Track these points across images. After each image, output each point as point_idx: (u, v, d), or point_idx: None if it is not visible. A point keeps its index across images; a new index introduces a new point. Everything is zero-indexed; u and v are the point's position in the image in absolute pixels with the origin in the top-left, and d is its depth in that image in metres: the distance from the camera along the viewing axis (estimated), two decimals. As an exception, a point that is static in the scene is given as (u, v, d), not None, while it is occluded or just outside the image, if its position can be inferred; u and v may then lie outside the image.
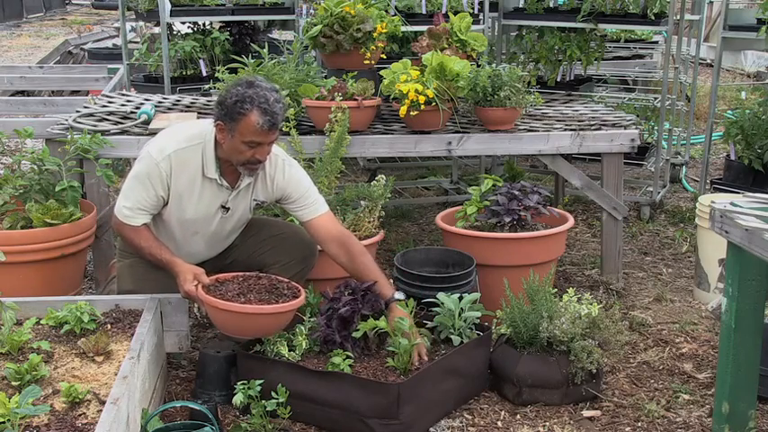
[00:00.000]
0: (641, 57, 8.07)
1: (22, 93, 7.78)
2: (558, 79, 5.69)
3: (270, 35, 7.03)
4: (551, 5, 5.75)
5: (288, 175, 3.23)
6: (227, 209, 3.21)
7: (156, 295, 3.13)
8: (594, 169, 5.46)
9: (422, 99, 3.88)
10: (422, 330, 3.12)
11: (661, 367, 3.47)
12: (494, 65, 4.25)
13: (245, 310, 2.91)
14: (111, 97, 4.92)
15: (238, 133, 2.96)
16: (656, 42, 8.29)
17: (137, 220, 3.10)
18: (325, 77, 4.32)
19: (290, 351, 3.01)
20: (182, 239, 3.23)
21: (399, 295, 3.14)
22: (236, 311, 2.90)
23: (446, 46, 4.36)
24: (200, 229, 3.23)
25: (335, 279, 3.35)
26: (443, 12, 4.97)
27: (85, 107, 4.50)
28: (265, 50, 4.30)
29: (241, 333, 3.02)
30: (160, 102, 4.80)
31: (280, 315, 2.97)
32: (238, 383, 2.91)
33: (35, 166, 3.74)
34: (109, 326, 2.99)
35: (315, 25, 4.31)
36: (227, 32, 6.08)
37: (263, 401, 2.84)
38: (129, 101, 4.78)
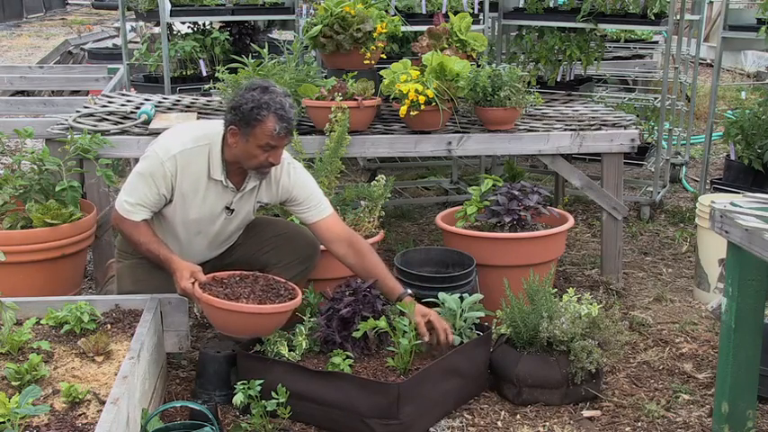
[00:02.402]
0: (641, 57, 8.07)
1: (22, 93, 7.78)
2: (558, 79, 5.69)
3: (270, 35, 7.03)
4: (551, 5, 5.75)
5: (293, 178, 3.24)
6: (232, 210, 3.21)
7: (157, 295, 3.13)
8: (594, 169, 5.46)
9: (422, 99, 3.88)
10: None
11: (661, 367, 3.47)
12: (494, 65, 4.25)
13: (242, 309, 2.91)
14: (111, 97, 4.92)
15: (253, 138, 2.98)
16: (656, 42, 8.30)
17: (137, 215, 3.09)
18: (326, 77, 4.32)
19: (290, 351, 3.01)
20: (185, 239, 3.23)
21: (409, 290, 3.19)
22: (233, 310, 2.90)
23: (446, 46, 4.36)
24: (204, 229, 3.23)
25: (335, 279, 3.35)
26: (443, 12, 4.97)
27: (85, 107, 4.50)
28: (265, 50, 4.29)
29: (237, 332, 3.02)
30: (160, 102, 4.80)
31: (277, 315, 2.97)
32: (238, 383, 2.91)
33: (35, 166, 3.74)
34: (109, 326, 2.99)
35: (315, 25, 4.31)
36: (227, 32, 6.08)
37: (263, 401, 2.84)
38: (129, 101, 4.78)
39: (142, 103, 4.60)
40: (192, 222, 3.19)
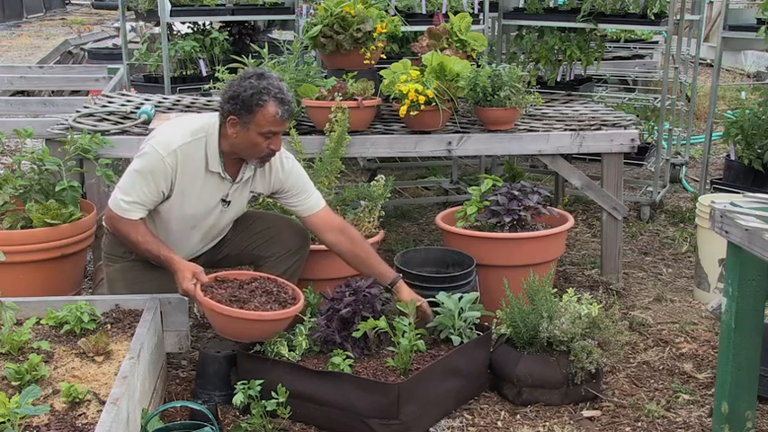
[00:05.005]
0: (641, 57, 8.08)
1: (22, 93, 7.78)
2: (558, 79, 5.69)
3: (270, 35, 7.03)
4: (551, 5, 5.75)
5: (288, 168, 3.27)
6: (228, 202, 3.21)
7: (157, 295, 3.12)
8: (594, 169, 5.46)
9: (422, 99, 3.88)
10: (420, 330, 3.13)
11: (661, 367, 3.47)
12: (494, 65, 4.25)
13: (244, 316, 2.90)
14: (111, 97, 4.92)
15: (254, 125, 2.99)
16: (656, 42, 8.30)
17: (134, 213, 3.07)
18: (326, 77, 4.32)
19: (290, 351, 3.01)
20: (179, 234, 3.21)
21: (400, 274, 3.24)
22: (234, 316, 2.90)
23: (446, 46, 4.36)
24: (199, 223, 3.23)
25: (335, 279, 3.35)
26: (443, 12, 4.97)
27: (85, 107, 4.50)
28: (265, 50, 4.30)
29: (238, 336, 3.02)
30: (160, 102, 4.80)
31: (277, 321, 2.97)
32: (238, 383, 2.91)
33: (35, 166, 3.74)
34: (109, 326, 2.99)
35: (315, 25, 4.30)
36: (227, 32, 6.08)
37: (263, 401, 2.84)
38: (129, 101, 4.77)
39: (142, 103, 4.60)
40: (188, 217, 3.18)
